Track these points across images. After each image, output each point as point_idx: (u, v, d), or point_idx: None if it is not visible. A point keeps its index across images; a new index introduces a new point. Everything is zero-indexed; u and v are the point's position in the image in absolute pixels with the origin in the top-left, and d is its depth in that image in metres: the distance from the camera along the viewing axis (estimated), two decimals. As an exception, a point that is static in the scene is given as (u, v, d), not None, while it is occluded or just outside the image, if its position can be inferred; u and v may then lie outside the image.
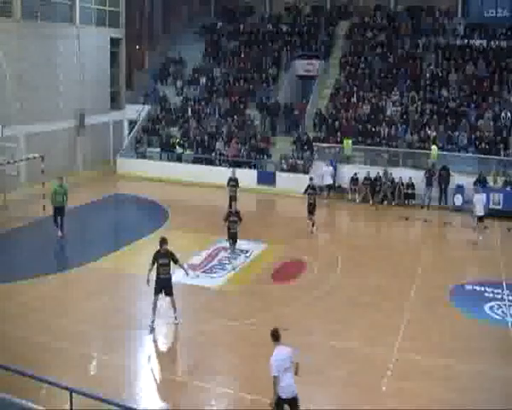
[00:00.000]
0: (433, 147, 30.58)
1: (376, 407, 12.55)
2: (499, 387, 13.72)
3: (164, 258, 15.66)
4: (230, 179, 26.80)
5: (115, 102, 38.43)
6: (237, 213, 20.82)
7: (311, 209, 25.02)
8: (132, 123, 38.72)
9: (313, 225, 24.95)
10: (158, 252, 15.72)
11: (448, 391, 13.17)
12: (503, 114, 32.03)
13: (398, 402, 12.63)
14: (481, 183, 28.67)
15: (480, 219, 23.68)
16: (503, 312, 17.17)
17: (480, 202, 23.55)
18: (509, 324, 14.88)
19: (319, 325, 16.52)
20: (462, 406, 12.58)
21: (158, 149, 36.15)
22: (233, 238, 20.92)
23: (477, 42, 36.68)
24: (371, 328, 16.22)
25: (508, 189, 28.43)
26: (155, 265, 15.65)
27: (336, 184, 31.37)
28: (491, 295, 18.63)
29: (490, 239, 24.07)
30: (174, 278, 19.34)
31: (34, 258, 21.71)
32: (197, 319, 16.71)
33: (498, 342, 15.13)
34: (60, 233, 23.38)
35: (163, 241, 15.78)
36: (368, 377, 13.68)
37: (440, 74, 35.36)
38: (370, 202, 30.12)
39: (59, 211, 23.31)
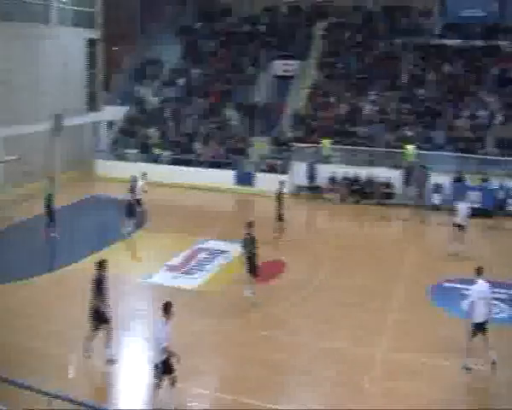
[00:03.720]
0: (409, 147, 30.72)
1: (365, 406, 12.58)
2: (484, 385, 13.91)
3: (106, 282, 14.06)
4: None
5: (93, 104, 38.00)
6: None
7: None
8: (110, 124, 38.48)
9: None
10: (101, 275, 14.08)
11: (436, 390, 13.27)
12: (479, 113, 32.29)
13: (387, 402, 12.70)
14: (459, 181, 28.90)
15: (461, 227, 22.67)
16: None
17: (463, 211, 22.56)
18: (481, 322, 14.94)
19: (306, 324, 16.52)
20: (450, 404, 12.73)
21: (136, 151, 35.95)
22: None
23: (454, 41, 36.93)
24: (358, 328, 16.25)
25: (485, 187, 28.64)
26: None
27: (315, 184, 31.45)
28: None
29: (470, 237, 24.06)
30: (155, 280, 19.43)
31: (16, 260, 21.45)
32: (178, 320, 16.50)
33: (480, 340, 15.09)
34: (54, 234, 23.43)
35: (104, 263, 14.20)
36: (356, 377, 13.70)
37: (417, 74, 35.58)
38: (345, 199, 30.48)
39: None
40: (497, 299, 17.26)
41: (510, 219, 27.70)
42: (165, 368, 11.81)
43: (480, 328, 13.95)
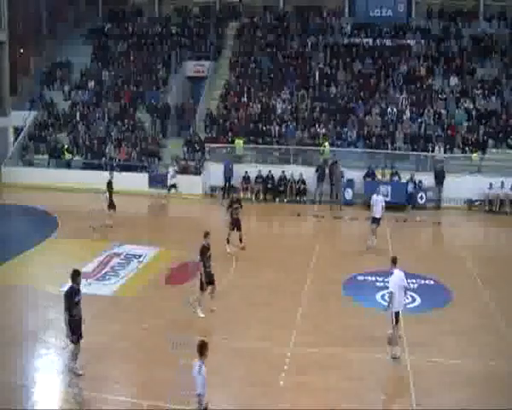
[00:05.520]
0: (326, 144, 30.96)
1: (275, 402, 12.44)
2: (393, 374, 14.11)
3: (79, 295, 13.46)
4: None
5: (-1, 109, 36.90)
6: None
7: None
8: (18, 130, 37.19)
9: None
10: (73, 288, 13.35)
11: (343, 380, 13.28)
12: (389, 110, 33.00)
13: (297, 396, 12.66)
14: (370, 176, 29.33)
15: (377, 220, 22.58)
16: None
17: (378, 203, 22.44)
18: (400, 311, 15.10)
19: (216, 325, 16.32)
20: (357, 394, 12.79)
21: (46, 157, 34.87)
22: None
23: (363, 40, 37.62)
24: (268, 325, 16.11)
25: (395, 181, 29.17)
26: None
27: (230, 184, 31.22)
28: (382, 284, 18.97)
29: (380, 230, 24.40)
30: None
31: None
32: (91, 328, 15.92)
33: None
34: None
35: (78, 274, 13.46)
36: (266, 375, 13.56)
37: (329, 72, 35.98)
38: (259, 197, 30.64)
39: None
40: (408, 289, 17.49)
41: (420, 212, 28.38)
42: None
43: (397, 317, 14.15)
